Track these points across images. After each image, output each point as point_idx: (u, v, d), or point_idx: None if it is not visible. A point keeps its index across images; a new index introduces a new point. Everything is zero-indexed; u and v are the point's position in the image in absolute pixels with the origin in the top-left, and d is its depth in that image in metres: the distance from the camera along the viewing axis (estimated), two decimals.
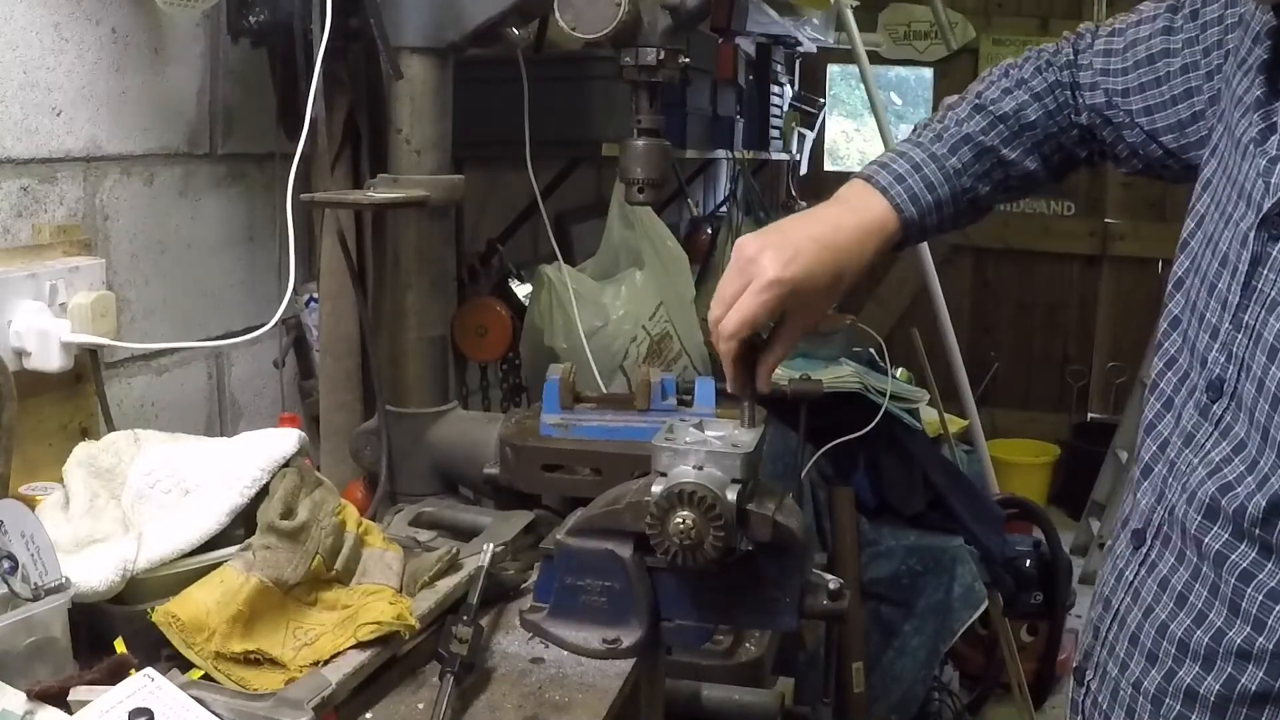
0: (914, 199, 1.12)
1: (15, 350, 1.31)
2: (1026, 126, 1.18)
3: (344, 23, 1.49)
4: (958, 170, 1.15)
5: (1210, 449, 0.94)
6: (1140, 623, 1.00)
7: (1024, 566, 3.22)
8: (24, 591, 0.99)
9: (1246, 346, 0.91)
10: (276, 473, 1.19)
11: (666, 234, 2.39)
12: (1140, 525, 1.02)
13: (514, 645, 1.21)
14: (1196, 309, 0.98)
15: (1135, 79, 1.14)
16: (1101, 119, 1.17)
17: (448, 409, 1.63)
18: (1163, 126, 1.12)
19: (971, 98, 1.20)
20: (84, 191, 1.47)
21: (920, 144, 1.17)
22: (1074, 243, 5.39)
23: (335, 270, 1.69)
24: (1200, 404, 0.96)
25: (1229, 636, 0.92)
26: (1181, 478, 0.96)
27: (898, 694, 2.64)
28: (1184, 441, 0.97)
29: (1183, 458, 0.97)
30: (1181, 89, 1.10)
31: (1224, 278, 0.95)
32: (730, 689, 1.40)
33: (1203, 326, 0.97)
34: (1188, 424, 0.97)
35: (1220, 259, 0.96)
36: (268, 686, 1.02)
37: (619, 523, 0.97)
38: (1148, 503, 1.01)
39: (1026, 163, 1.18)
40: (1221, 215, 0.97)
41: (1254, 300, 0.91)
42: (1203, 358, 0.96)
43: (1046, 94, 1.18)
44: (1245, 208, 0.93)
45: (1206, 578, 0.94)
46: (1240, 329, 0.92)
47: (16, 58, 1.34)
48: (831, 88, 5.78)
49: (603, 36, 1.40)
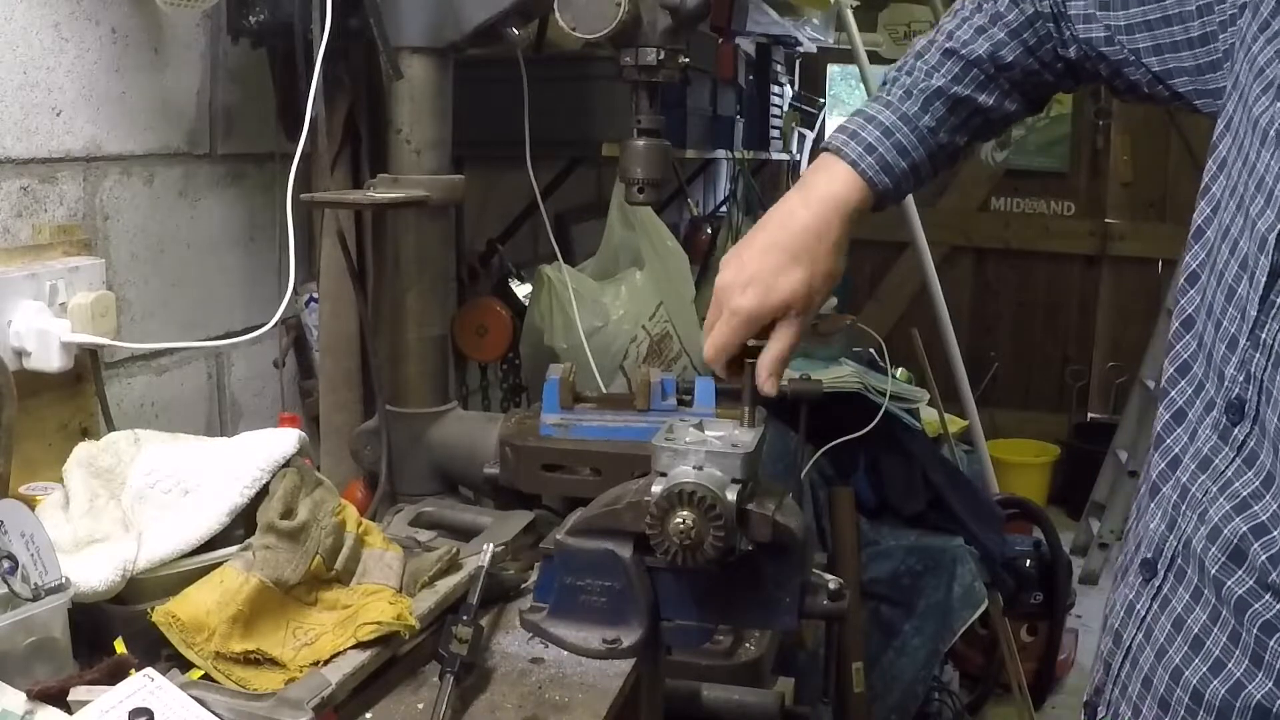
0: (886, 169, 1.08)
1: (15, 350, 1.31)
2: (1003, 69, 1.09)
3: (344, 23, 1.49)
4: (932, 129, 1.09)
5: (1234, 478, 0.86)
6: (1153, 664, 0.91)
7: (1024, 566, 3.22)
8: (24, 591, 0.99)
9: (1265, 369, 0.84)
10: (276, 473, 1.19)
11: (666, 234, 2.39)
12: (1151, 555, 0.94)
13: (514, 645, 1.21)
14: (1213, 312, 0.90)
15: (1141, 15, 1.02)
16: (1097, 54, 1.07)
17: (448, 409, 1.63)
18: (1176, 68, 1.01)
19: (941, 39, 1.11)
20: (84, 191, 1.47)
21: (890, 104, 1.10)
22: (1074, 243, 5.39)
23: (335, 270, 1.69)
24: (1219, 425, 0.88)
25: (1248, 690, 0.83)
26: (1197, 506, 0.88)
27: (898, 694, 2.64)
28: (1199, 465, 0.89)
29: (1198, 484, 0.89)
30: (1199, 32, 0.99)
31: (1243, 282, 0.87)
32: (730, 689, 1.40)
33: (1220, 334, 0.89)
34: (1204, 446, 0.89)
35: (1239, 260, 0.88)
36: (268, 686, 1.02)
37: (619, 523, 0.97)
38: (1158, 529, 0.93)
39: (1005, 105, 1.12)
40: (1239, 206, 0.89)
41: (1272, 317, 0.84)
42: (1220, 371, 0.88)
43: (1025, 28, 1.09)
44: (1265, 204, 0.86)
45: (1226, 623, 0.85)
46: (1258, 348, 0.85)
47: (16, 58, 1.34)
48: (831, 88, 5.78)
49: (603, 36, 1.40)
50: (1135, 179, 5.27)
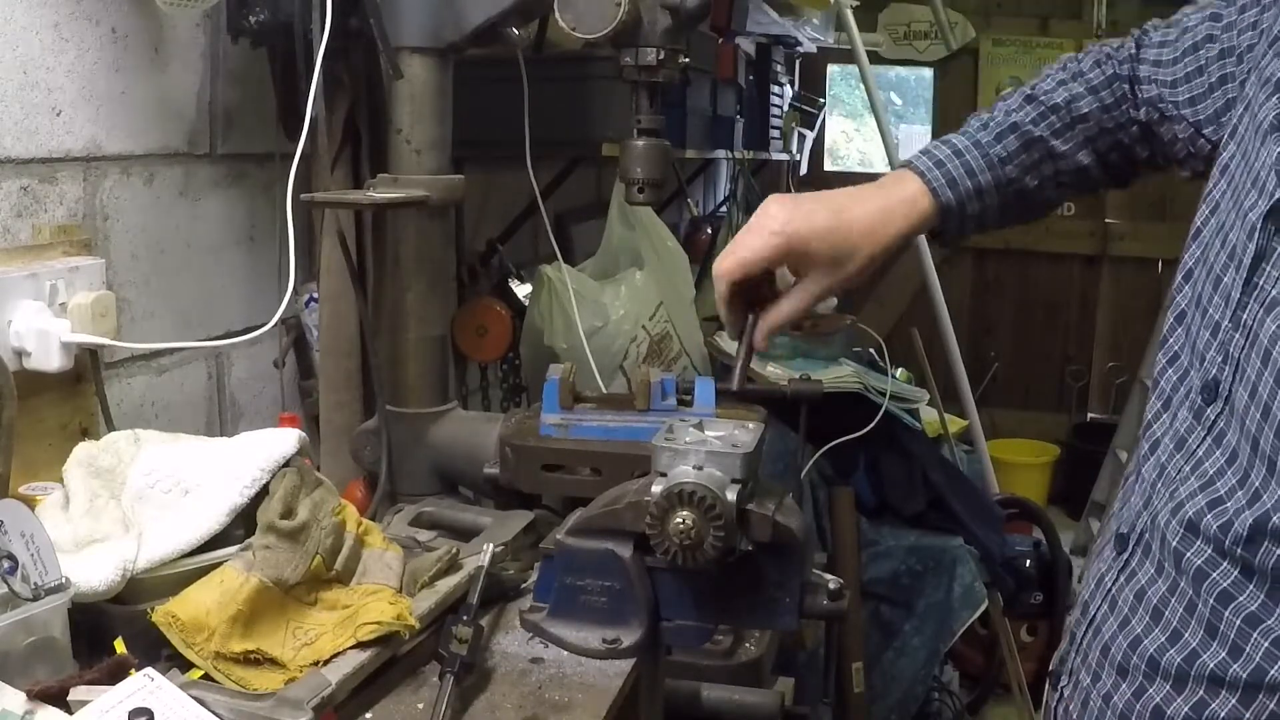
0: (951, 183, 1.10)
1: (15, 350, 1.31)
2: (1079, 119, 1.13)
3: (344, 23, 1.49)
4: (1002, 159, 1.12)
5: (1203, 457, 0.89)
6: (1114, 633, 0.95)
7: (1024, 566, 3.22)
8: (24, 591, 0.99)
9: (1243, 348, 0.86)
10: (276, 473, 1.19)
11: (666, 234, 2.39)
12: (1125, 530, 0.98)
13: (514, 645, 1.21)
14: (1201, 303, 0.94)
15: (1182, 69, 1.09)
16: (1157, 113, 1.12)
17: (448, 409, 1.63)
18: (1204, 118, 1.07)
19: (1025, 89, 1.16)
20: (84, 191, 1.47)
21: (966, 132, 1.14)
22: (1074, 243, 5.39)
23: (335, 270, 1.69)
24: (1194, 405, 0.91)
25: (1203, 659, 0.87)
26: (1171, 484, 0.92)
27: (898, 694, 2.64)
28: (1176, 445, 0.93)
29: (1173, 462, 0.92)
30: (1218, 75, 1.05)
31: (1229, 271, 0.90)
32: (730, 689, 1.40)
33: (1205, 321, 0.92)
34: (1180, 426, 0.93)
35: (1229, 250, 0.91)
36: (268, 686, 1.02)
37: (619, 523, 0.97)
38: (1135, 506, 0.97)
39: (1079, 156, 1.14)
40: (1235, 204, 0.93)
41: (1254, 298, 0.86)
42: (1201, 355, 0.92)
43: (1103, 87, 1.14)
44: (1257, 196, 0.89)
45: (1184, 594, 0.89)
46: (1239, 328, 0.87)
47: (16, 58, 1.34)
48: (831, 88, 5.78)
49: (603, 36, 1.40)
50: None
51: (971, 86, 5.43)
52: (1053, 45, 5.24)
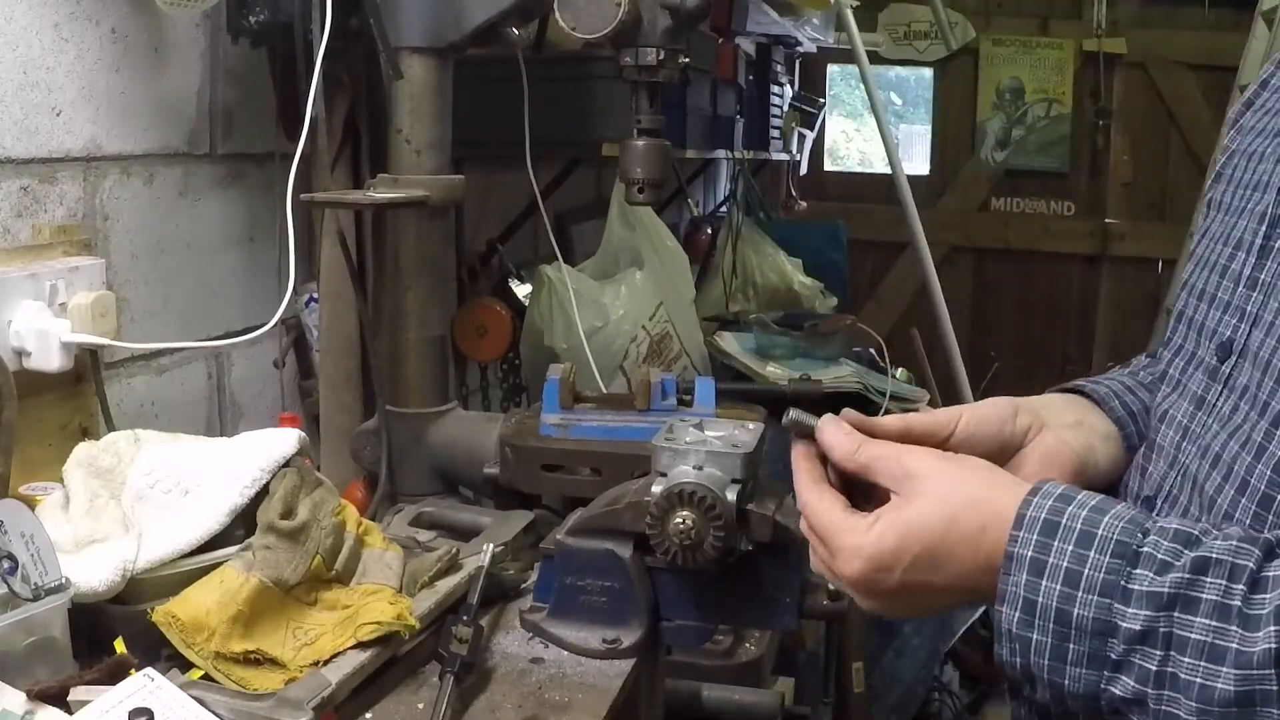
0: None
1: (15, 350, 1.31)
2: None
3: (344, 23, 1.49)
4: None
5: (1225, 409, 0.87)
6: None
7: None
8: (24, 591, 0.99)
9: (1261, 301, 0.86)
10: (276, 473, 1.19)
11: (666, 234, 2.39)
12: (1151, 493, 0.94)
13: (514, 645, 1.21)
14: (1205, 294, 0.95)
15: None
16: None
17: (448, 409, 1.63)
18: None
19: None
20: (84, 191, 1.47)
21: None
22: (1074, 243, 5.39)
23: (335, 270, 1.69)
24: (1210, 368, 0.90)
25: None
26: (1197, 439, 0.89)
27: (898, 694, 2.64)
28: (1194, 404, 0.91)
29: (1196, 420, 0.90)
30: None
31: (1238, 258, 0.91)
32: (730, 689, 1.40)
33: (1213, 306, 0.92)
34: (1197, 388, 0.92)
35: (1234, 244, 0.92)
36: (268, 686, 1.02)
37: (619, 523, 0.97)
38: (1159, 470, 0.94)
39: None
40: (1237, 211, 0.94)
41: (1271, 258, 0.86)
42: (1212, 331, 0.91)
43: None
44: (1261, 194, 0.91)
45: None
46: (1256, 287, 0.87)
47: (16, 58, 1.34)
48: (831, 88, 5.78)
49: (603, 36, 1.40)
50: (1135, 179, 5.26)
51: (971, 86, 5.44)
52: (1053, 45, 5.24)
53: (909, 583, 0.81)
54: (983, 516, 0.79)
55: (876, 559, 0.81)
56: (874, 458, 0.85)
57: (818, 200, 5.22)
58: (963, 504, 0.80)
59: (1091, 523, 0.75)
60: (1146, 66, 5.12)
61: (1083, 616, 0.73)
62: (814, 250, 3.96)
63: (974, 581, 0.80)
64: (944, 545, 0.80)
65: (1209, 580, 0.70)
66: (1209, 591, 0.70)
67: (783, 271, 3.62)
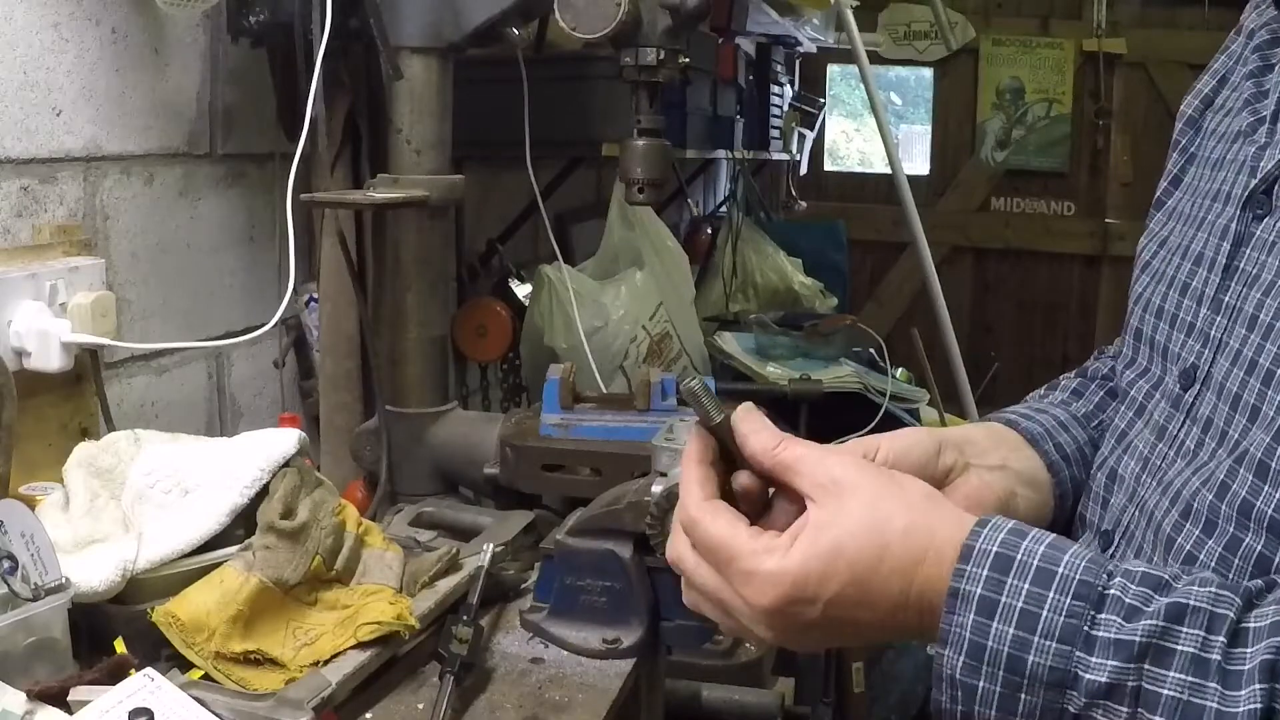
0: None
1: (15, 350, 1.31)
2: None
3: (344, 23, 1.49)
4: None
5: (1186, 440, 0.83)
6: None
7: None
8: (24, 591, 0.99)
9: (1225, 326, 0.82)
10: (276, 473, 1.19)
11: (666, 234, 2.39)
12: (1109, 526, 0.90)
13: (514, 645, 1.21)
14: (1165, 313, 0.91)
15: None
16: None
17: (448, 409, 1.63)
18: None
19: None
20: (84, 191, 1.47)
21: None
22: (1074, 243, 5.39)
23: (335, 270, 1.69)
24: (1172, 395, 0.86)
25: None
26: (1157, 472, 0.86)
27: (898, 694, 2.65)
28: (1155, 434, 0.87)
29: (1156, 451, 0.86)
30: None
31: (1199, 274, 0.87)
32: (730, 689, 1.40)
33: (1175, 327, 0.89)
34: (1159, 418, 0.88)
35: (1194, 259, 0.89)
36: (268, 686, 1.02)
37: (619, 523, 0.97)
38: (1118, 503, 0.90)
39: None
40: (1194, 222, 0.92)
41: (1234, 279, 0.83)
42: (1176, 355, 0.88)
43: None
44: (1223, 206, 0.88)
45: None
46: (1219, 311, 0.83)
47: (16, 58, 1.34)
48: (831, 88, 5.79)
49: (603, 36, 1.40)
50: (1135, 179, 5.27)
51: (971, 86, 5.44)
52: (1053, 45, 5.25)
53: (833, 617, 0.71)
54: (921, 546, 0.69)
55: (800, 586, 0.70)
56: (798, 458, 0.73)
57: (818, 200, 5.23)
58: (900, 530, 0.70)
59: (1050, 559, 0.66)
60: (1146, 66, 5.12)
61: (1038, 665, 0.64)
62: (814, 250, 3.97)
63: (903, 620, 0.70)
64: (876, 576, 0.70)
65: (1184, 630, 0.62)
66: (1184, 642, 0.62)
67: (783, 271, 3.63)
